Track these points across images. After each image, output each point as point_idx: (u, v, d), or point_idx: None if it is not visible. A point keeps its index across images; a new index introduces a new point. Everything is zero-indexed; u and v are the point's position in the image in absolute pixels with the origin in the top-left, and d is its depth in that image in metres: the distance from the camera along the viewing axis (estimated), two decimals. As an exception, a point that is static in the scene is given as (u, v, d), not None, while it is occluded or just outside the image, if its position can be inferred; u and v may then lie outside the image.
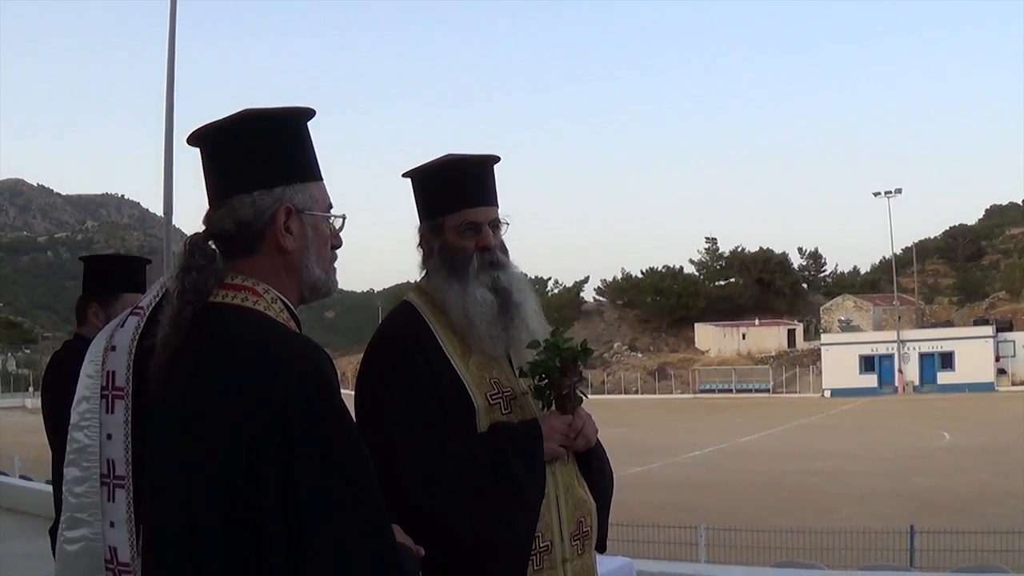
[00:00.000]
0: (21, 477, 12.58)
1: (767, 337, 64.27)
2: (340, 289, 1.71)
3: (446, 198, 2.16)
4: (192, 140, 1.61)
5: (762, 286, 71.70)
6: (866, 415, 40.06)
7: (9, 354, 76.55)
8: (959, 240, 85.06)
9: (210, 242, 1.55)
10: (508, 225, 2.21)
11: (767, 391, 57.94)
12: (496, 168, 2.24)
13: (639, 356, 68.29)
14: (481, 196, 2.17)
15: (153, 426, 1.53)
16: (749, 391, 58.14)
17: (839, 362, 55.39)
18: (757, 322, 65.69)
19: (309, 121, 1.63)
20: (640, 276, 74.19)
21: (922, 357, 54.15)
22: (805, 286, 76.40)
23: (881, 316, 61.17)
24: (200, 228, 1.57)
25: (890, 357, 55.00)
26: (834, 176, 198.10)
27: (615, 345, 69.89)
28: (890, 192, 58.07)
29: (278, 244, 1.55)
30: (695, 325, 68.14)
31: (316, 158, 1.62)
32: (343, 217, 1.65)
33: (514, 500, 2.02)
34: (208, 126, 1.58)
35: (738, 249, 75.31)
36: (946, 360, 53.24)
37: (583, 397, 2.13)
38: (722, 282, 75.01)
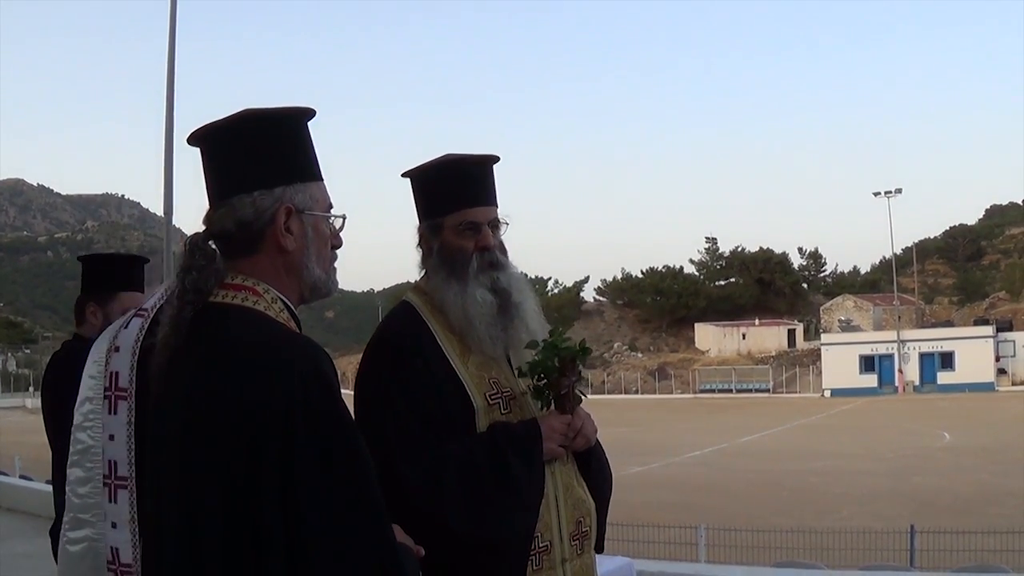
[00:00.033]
0: (21, 477, 12.57)
1: (767, 337, 64.25)
2: (340, 289, 1.71)
3: (445, 198, 2.16)
4: (192, 140, 1.61)
5: (762, 286, 71.69)
6: (866, 415, 40.01)
7: (9, 354, 76.42)
8: (959, 240, 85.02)
9: (210, 242, 1.55)
10: (507, 225, 2.21)
11: (767, 391, 57.88)
12: (496, 168, 2.24)
13: (639, 356, 68.26)
14: (480, 196, 2.17)
15: (153, 426, 1.53)
16: (749, 391, 58.09)
17: (839, 362, 55.35)
18: (757, 322, 65.66)
19: (309, 121, 1.63)
20: (640, 276, 74.20)
21: (922, 357, 54.13)
22: (805, 286, 76.39)
23: (881, 316, 61.15)
24: (200, 228, 1.57)
25: (890, 357, 54.98)
26: (834, 176, 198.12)
27: (615, 345, 69.87)
28: (890, 192, 58.07)
29: (278, 244, 1.55)
30: (695, 325, 68.11)
31: (316, 158, 1.62)
32: (343, 217, 1.65)
33: (513, 500, 2.01)
34: (208, 126, 1.58)
35: (738, 249, 75.38)
36: (946, 360, 53.22)
37: (582, 397, 2.13)
38: (722, 282, 74.98)
